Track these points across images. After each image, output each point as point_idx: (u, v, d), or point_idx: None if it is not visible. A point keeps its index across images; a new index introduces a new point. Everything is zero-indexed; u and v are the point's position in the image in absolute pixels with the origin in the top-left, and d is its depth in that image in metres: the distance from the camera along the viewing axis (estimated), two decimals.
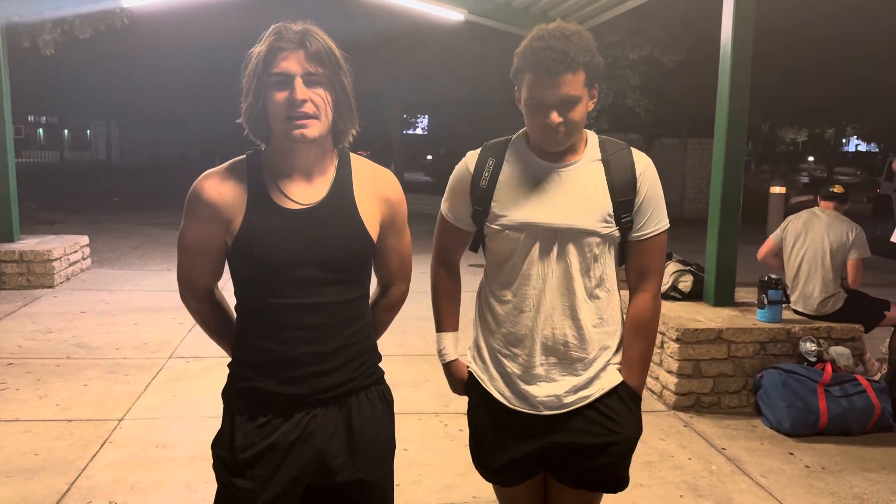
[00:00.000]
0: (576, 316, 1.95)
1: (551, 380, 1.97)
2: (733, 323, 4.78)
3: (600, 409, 1.98)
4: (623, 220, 1.93)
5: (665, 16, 12.71)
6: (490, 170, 1.99)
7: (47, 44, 9.11)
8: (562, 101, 1.83)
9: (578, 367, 1.97)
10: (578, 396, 1.96)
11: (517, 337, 1.99)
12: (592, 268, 1.94)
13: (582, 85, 1.85)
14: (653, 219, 1.97)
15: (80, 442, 4.05)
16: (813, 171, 35.00)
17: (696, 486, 3.72)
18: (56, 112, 37.10)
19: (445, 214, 2.11)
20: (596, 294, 1.96)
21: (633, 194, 1.93)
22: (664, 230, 2.00)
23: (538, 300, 1.95)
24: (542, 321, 1.95)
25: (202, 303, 1.91)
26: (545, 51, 1.81)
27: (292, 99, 1.67)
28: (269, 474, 1.74)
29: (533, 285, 1.95)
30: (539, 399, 1.97)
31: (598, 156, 1.96)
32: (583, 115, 1.88)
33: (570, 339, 1.95)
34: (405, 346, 6.00)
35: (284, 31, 1.70)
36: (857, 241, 4.93)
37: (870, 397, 4.40)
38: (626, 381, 2.00)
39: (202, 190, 1.76)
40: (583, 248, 1.92)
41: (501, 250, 1.99)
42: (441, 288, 2.18)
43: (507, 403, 2.00)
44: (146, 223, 14.06)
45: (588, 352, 1.97)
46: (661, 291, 2.07)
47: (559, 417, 1.97)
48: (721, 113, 5.16)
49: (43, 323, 6.49)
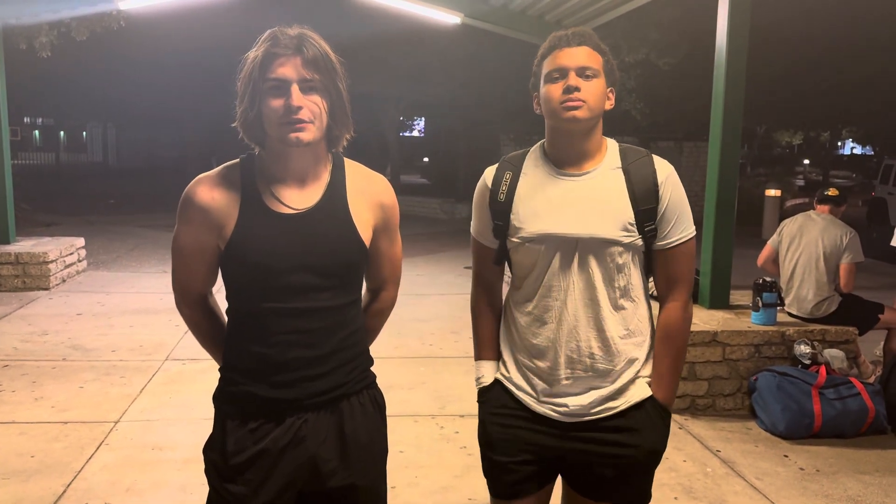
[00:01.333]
0: (601, 327, 1.90)
1: (577, 392, 1.92)
2: (728, 325, 4.80)
3: (626, 419, 1.92)
4: (647, 229, 1.89)
5: (661, 19, 12.75)
6: (507, 183, 1.96)
7: (44, 46, 9.10)
8: (580, 68, 1.85)
9: (606, 379, 1.92)
10: (604, 407, 1.92)
11: (539, 349, 1.94)
12: (616, 278, 1.90)
13: (601, 66, 1.88)
14: (678, 226, 1.92)
15: (76, 444, 4.05)
16: (808, 174, 35.10)
17: (690, 488, 3.73)
18: (52, 114, 36.99)
19: (473, 233, 2.08)
20: (621, 304, 1.92)
21: (655, 202, 1.89)
22: (691, 237, 1.95)
23: (560, 312, 1.91)
24: (566, 333, 1.90)
25: (195, 309, 1.90)
26: (563, 33, 1.89)
27: (288, 105, 1.67)
28: (260, 479, 1.74)
29: (555, 297, 1.91)
30: (564, 408, 1.92)
31: (617, 164, 1.93)
32: (601, 94, 1.88)
33: (596, 352, 1.91)
34: (401, 348, 6.00)
35: (280, 36, 1.69)
36: (851, 245, 4.95)
37: (864, 400, 4.42)
38: (655, 395, 1.95)
39: (195, 194, 1.76)
40: (605, 257, 1.88)
41: (523, 263, 1.96)
42: (480, 314, 2.10)
43: (530, 405, 1.96)
44: (142, 225, 14.05)
45: (615, 364, 1.92)
46: (691, 301, 2.02)
47: (582, 425, 1.92)
48: (716, 116, 5.18)
49: (39, 325, 6.48)
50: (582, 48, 1.86)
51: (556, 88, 1.86)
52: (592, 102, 1.85)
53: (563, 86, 1.84)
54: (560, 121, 1.87)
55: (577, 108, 1.83)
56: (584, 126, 1.88)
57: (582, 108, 1.84)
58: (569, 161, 1.94)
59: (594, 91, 1.85)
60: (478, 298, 2.11)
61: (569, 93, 1.83)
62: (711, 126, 5.24)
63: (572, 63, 1.85)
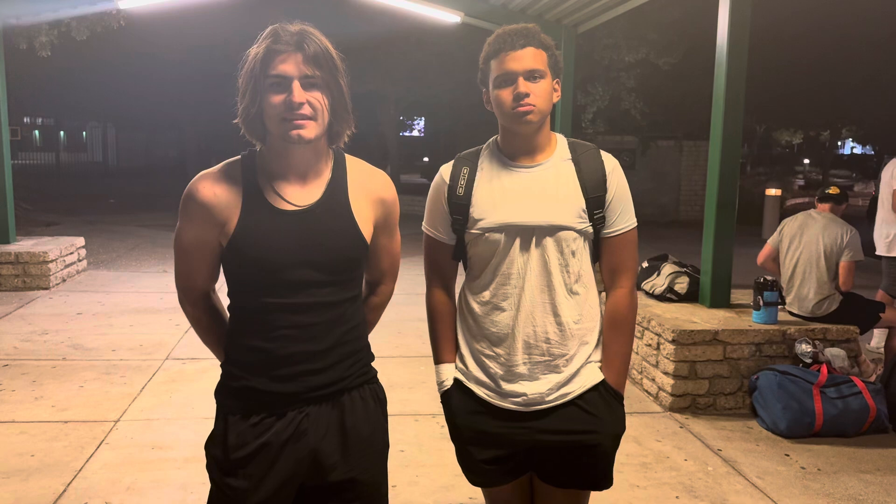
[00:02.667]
0: (556, 312, 1.98)
1: (534, 378, 2.00)
2: (729, 324, 4.80)
3: (581, 405, 2.00)
4: (595, 216, 1.99)
5: (660, 19, 12.76)
6: (465, 177, 2.04)
7: (44, 45, 9.10)
8: (528, 72, 1.92)
9: (560, 363, 2.00)
10: (560, 393, 2.00)
11: (498, 336, 2.01)
12: (570, 263, 1.98)
13: (545, 64, 1.95)
14: (623, 216, 2.03)
15: (76, 443, 4.05)
16: (808, 173, 35.08)
17: (691, 487, 3.73)
18: (52, 114, 36.94)
19: (427, 230, 2.13)
20: (575, 290, 2.00)
21: (603, 191, 1.99)
22: (634, 227, 2.06)
23: (518, 298, 1.98)
24: (523, 319, 1.98)
25: (198, 306, 1.91)
26: (507, 33, 1.95)
27: (290, 101, 1.67)
28: (262, 473, 1.75)
29: (513, 284, 1.98)
30: (522, 397, 1.99)
31: (567, 155, 2.04)
32: (548, 94, 1.96)
33: (552, 336, 1.99)
34: (401, 347, 6.00)
35: (282, 32, 1.70)
36: (851, 243, 4.95)
37: (865, 399, 4.41)
38: (607, 379, 2.03)
39: (197, 191, 1.77)
40: (560, 243, 1.97)
41: (482, 254, 2.02)
42: (437, 314, 2.15)
43: (490, 400, 2.02)
44: (142, 225, 14.05)
45: (569, 348, 2.00)
46: (636, 287, 2.11)
47: (541, 413, 1.99)
48: (717, 115, 5.18)
49: (39, 324, 6.48)
50: (527, 50, 1.93)
51: (506, 94, 1.95)
52: (541, 104, 1.95)
53: (513, 92, 1.92)
54: (513, 124, 1.97)
55: (529, 112, 1.93)
56: (536, 126, 1.97)
57: (533, 112, 1.94)
58: (522, 154, 2.03)
59: (542, 93, 1.94)
60: (435, 297, 2.16)
61: (519, 99, 1.92)
62: (712, 125, 5.23)
63: (519, 67, 1.92)
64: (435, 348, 2.17)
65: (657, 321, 4.87)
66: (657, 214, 16.47)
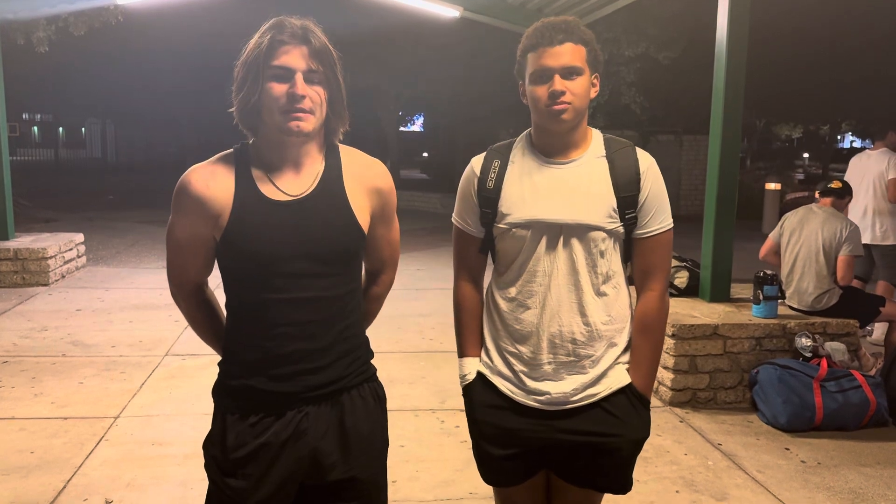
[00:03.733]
0: (584, 312, 1.94)
1: (559, 377, 1.96)
2: (729, 318, 4.79)
3: (607, 407, 1.96)
4: (627, 216, 1.94)
5: (660, 13, 12.74)
6: (496, 171, 2.00)
7: (42, 41, 9.09)
8: (565, 69, 1.87)
9: (586, 363, 1.96)
10: (586, 394, 1.96)
11: (522, 334, 1.98)
12: (599, 264, 1.93)
13: (584, 60, 1.89)
14: (657, 216, 1.97)
15: (75, 440, 4.04)
16: (808, 167, 35.05)
17: (692, 481, 3.72)
18: (51, 110, 36.97)
19: (457, 221, 2.10)
20: (603, 291, 1.95)
21: (636, 190, 1.94)
22: (669, 228, 2.00)
23: (544, 296, 1.94)
24: (549, 318, 1.94)
25: (191, 300, 1.89)
26: (546, 27, 1.89)
27: (292, 94, 1.66)
28: (261, 473, 1.73)
29: (539, 282, 1.94)
30: (546, 396, 1.95)
31: (602, 152, 1.98)
32: (585, 91, 1.90)
33: (578, 337, 1.94)
34: (401, 342, 6.00)
35: (287, 24, 1.69)
36: (851, 237, 4.94)
37: (865, 392, 4.41)
38: (633, 383, 1.99)
39: (189, 184, 1.75)
40: (588, 243, 1.92)
41: (509, 250, 1.99)
42: (464, 307, 2.12)
43: (514, 396, 1.99)
44: (141, 221, 14.03)
45: (596, 349, 1.96)
46: (668, 290, 2.06)
47: (565, 413, 1.96)
48: (716, 110, 5.16)
49: (38, 321, 6.47)
50: (566, 46, 1.88)
51: (541, 90, 1.89)
52: (578, 103, 1.89)
53: (549, 90, 1.87)
54: (547, 122, 1.92)
55: (564, 111, 1.88)
56: (571, 124, 1.92)
57: (568, 111, 1.88)
58: (555, 150, 1.98)
59: (579, 90, 1.89)
60: (462, 290, 2.14)
61: (554, 98, 1.87)
62: (712, 120, 5.22)
63: (556, 64, 1.87)
64: (459, 341, 2.14)
65: None
66: None
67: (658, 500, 3.51)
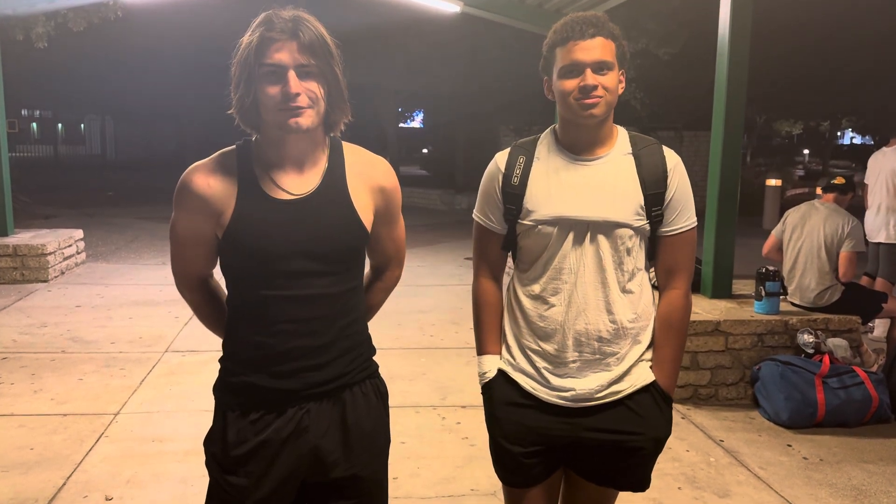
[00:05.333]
0: (611, 310, 1.92)
1: (583, 375, 1.94)
2: (731, 315, 4.78)
3: (631, 405, 1.95)
4: (653, 214, 1.92)
5: (660, 9, 12.71)
6: (521, 167, 1.97)
7: (40, 37, 9.06)
8: (597, 63, 1.84)
9: (611, 361, 1.94)
10: (611, 391, 1.94)
11: (546, 332, 1.96)
12: (625, 261, 1.92)
13: (614, 55, 1.87)
14: (683, 214, 1.96)
15: (75, 436, 4.03)
16: (808, 164, 35.06)
17: (694, 477, 3.71)
18: (50, 106, 36.87)
19: (478, 218, 2.07)
20: (629, 288, 1.94)
21: (664, 188, 1.93)
22: (693, 227, 1.99)
23: (570, 294, 1.92)
24: (574, 315, 1.92)
25: (196, 292, 1.89)
26: (577, 21, 1.87)
27: (286, 92, 1.64)
28: (262, 471, 1.72)
29: (564, 279, 1.93)
30: (571, 392, 1.93)
31: (628, 149, 1.96)
32: (615, 86, 1.88)
33: (605, 334, 1.93)
34: (402, 339, 5.98)
35: (276, 19, 1.65)
36: (852, 233, 4.92)
37: (867, 389, 4.40)
38: (657, 381, 1.98)
39: (191, 182, 1.73)
40: (615, 240, 1.91)
41: (534, 247, 1.97)
42: (484, 304, 2.08)
43: (536, 393, 1.96)
44: (141, 217, 14.02)
45: (621, 346, 1.95)
46: (690, 290, 2.05)
47: (589, 410, 1.94)
48: (718, 106, 5.15)
49: (37, 317, 6.46)
50: (597, 40, 1.85)
51: (571, 84, 1.86)
52: (609, 97, 1.87)
53: (580, 84, 1.85)
54: (577, 116, 1.89)
55: (595, 105, 1.85)
56: (600, 119, 1.90)
57: (599, 105, 1.86)
58: (582, 147, 1.95)
59: (610, 85, 1.87)
60: (482, 286, 2.10)
61: (586, 92, 1.84)
62: (714, 116, 5.20)
63: (588, 58, 1.84)
64: (479, 338, 2.10)
65: None
66: None
67: (660, 497, 3.50)
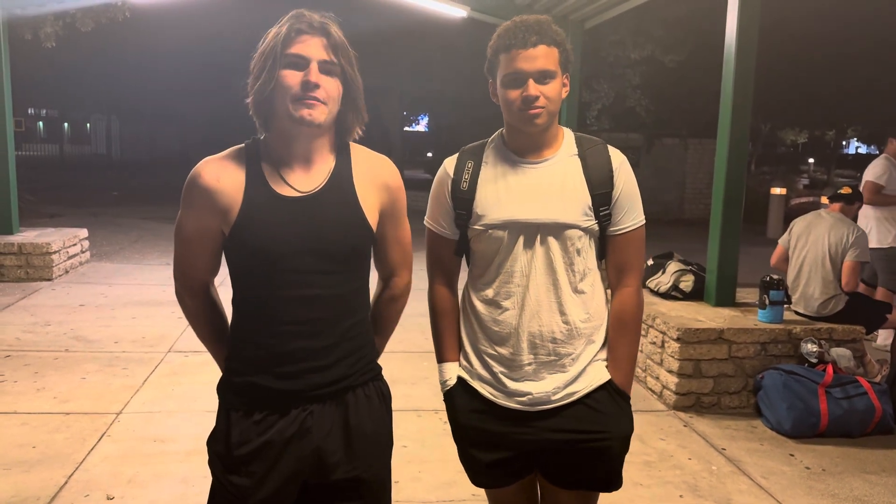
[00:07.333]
0: (563, 311, 1.94)
1: (540, 377, 1.95)
2: (734, 323, 4.77)
3: (590, 404, 1.96)
4: (601, 213, 1.94)
5: (666, 16, 12.71)
6: (470, 172, 2.00)
7: (49, 36, 9.09)
8: (539, 73, 1.86)
9: (566, 362, 1.96)
10: (567, 392, 1.95)
11: (501, 336, 1.97)
12: (576, 262, 1.94)
13: (556, 62, 1.89)
14: (630, 213, 1.98)
15: (77, 435, 4.03)
16: (813, 172, 34.98)
17: (695, 486, 3.71)
18: (56, 105, 37.00)
19: (430, 225, 2.09)
20: (580, 289, 1.96)
21: (610, 187, 1.94)
22: (642, 225, 2.01)
23: (522, 297, 1.94)
24: (528, 318, 1.94)
25: (196, 298, 1.88)
26: (519, 27, 1.88)
27: (306, 81, 1.66)
28: (265, 471, 1.72)
29: (517, 282, 1.94)
30: (527, 397, 1.95)
31: (574, 151, 1.99)
32: (558, 93, 1.90)
33: (558, 336, 1.94)
34: (404, 342, 5.98)
35: (306, 15, 1.70)
36: (857, 243, 4.92)
37: (871, 399, 4.39)
38: (613, 379, 1.99)
39: (199, 177, 1.74)
40: (565, 242, 1.93)
41: (485, 251, 1.98)
42: (440, 311, 2.10)
43: (495, 400, 1.98)
44: (145, 217, 14.04)
45: (575, 347, 1.96)
46: (642, 287, 2.07)
47: (548, 413, 1.95)
48: (724, 114, 5.14)
49: (41, 316, 6.47)
50: (539, 49, 1.86)
51: (514, 94, 1.89)
52: (551, 106, 1.90)
53: (522, 95, 1.87)
54: (521, 124, 1.92)
55: (538, 115, 1.88)
56: (544, 127, 1.92)
57: (541, 115, 1.88)
58: (528, 150, 1.98)
59: (552, 94, 1.89)
60: (438, 293, 2.12)
61: (528, 103, 1.86)
62: (720, 124, 5.20)
63: (531, 67, 1.86)
64: (438, 346, 2.12)
65: (662, 319, 4.85)
66: (661, 212, 16.40)
67: None
